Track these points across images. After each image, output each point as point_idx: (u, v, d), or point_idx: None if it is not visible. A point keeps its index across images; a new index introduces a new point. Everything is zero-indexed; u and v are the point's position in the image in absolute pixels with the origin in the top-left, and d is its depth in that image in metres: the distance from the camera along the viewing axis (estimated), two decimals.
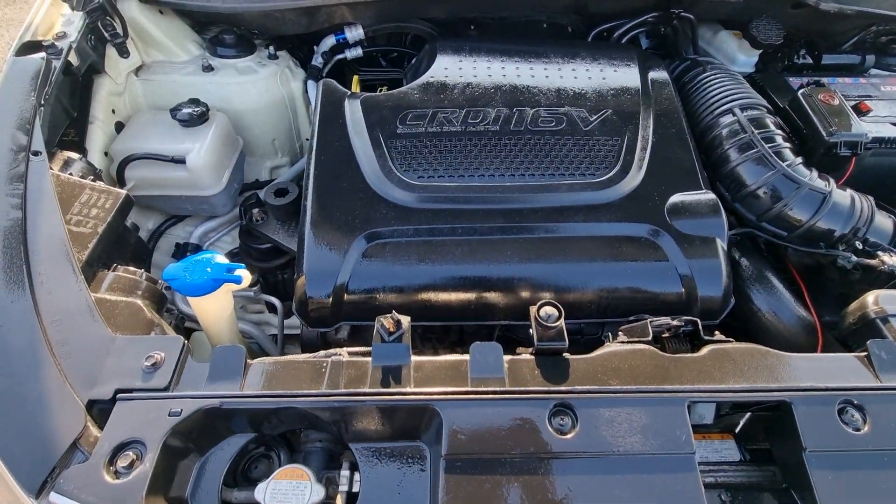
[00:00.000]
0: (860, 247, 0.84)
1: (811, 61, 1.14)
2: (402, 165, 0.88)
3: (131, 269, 0.77)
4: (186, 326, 1.07)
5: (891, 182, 1.00)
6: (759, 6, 1.11)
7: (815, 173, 0.88)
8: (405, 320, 0.67)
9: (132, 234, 0.86)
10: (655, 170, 0.89)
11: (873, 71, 1.21)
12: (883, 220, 0.87)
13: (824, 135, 0.90)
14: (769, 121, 0.93)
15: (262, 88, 1.20)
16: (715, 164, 0.95)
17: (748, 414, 0.69)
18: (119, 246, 0.83)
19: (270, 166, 1.36)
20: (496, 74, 0.98)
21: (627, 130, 0.92)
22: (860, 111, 0.97)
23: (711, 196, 0.86)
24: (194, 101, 1.07)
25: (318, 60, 1.31)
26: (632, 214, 0.84)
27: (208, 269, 0.71)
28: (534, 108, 0.93)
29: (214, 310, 0.76)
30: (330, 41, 1.30)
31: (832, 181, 0.87)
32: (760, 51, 1.15)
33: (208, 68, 1.17)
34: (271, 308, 1.16)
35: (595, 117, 0.93)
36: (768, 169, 0.88)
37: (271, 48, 1.25)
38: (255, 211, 1.09)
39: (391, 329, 0.65)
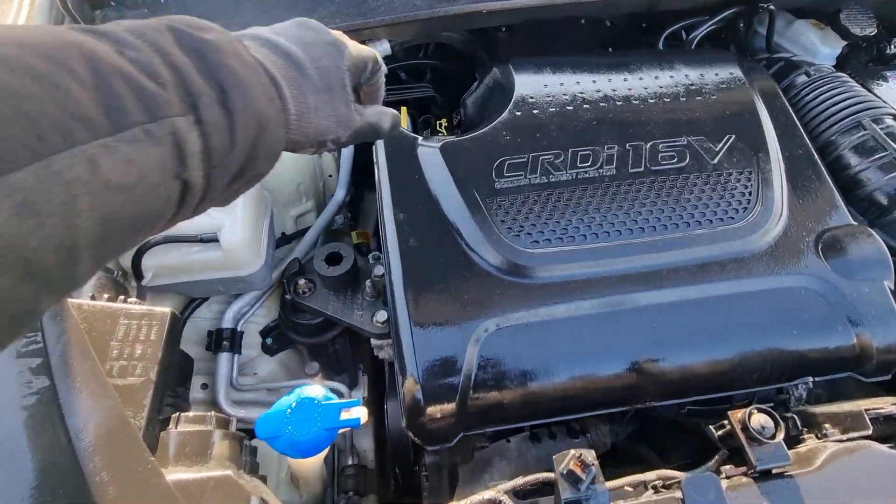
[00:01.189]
0: None
1: None
2: (511, 230, 0.72)
3: (192, 415, 0.58)
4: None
5: None
6: None
7: None
8: (591, 457, 0.52)
9: (178, 352, 0.67)
10: (797, 204, 0.77)
11: None
12: None
13: None
14: None
15: None
16: (845, 186, 0.84)
17: None
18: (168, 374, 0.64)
19: (295, 214, 1.16)
20: (593, 100, 0.82)
21: (758, 158, 0.79)
22: None
23: (867, 230, 0.75)
24: None
25: None
26: (786, 262, 0.72)
27: (317, 416, 0.54)
28: (649, 142, 0.78)
29: (318, 458, 0.59)
30: None
31: None
32: (846, 42, 1.04)
33: None
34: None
35: (720, 146, 0.79)
36: None
37: None
38: (302, 282, 0.90)
39: (581, 475, 0.51)
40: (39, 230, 0.24)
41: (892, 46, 1.04)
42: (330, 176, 1.22)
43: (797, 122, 0.85)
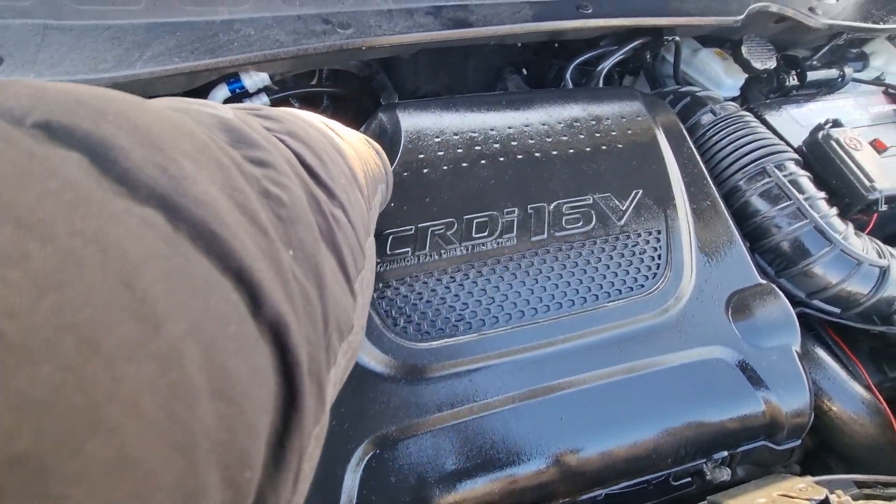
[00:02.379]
0: None
1: (797, 82, 1.04)
2: (396, 322, 0.61)
3: None
4: None
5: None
6: (747, 22, 0.97)
7: (867, 243, 0.77)
8: None
9: None
10: (706, 264, 0.72)
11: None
12: None
13: (863, 191, 0.79)
14: (807, 180, 0.80)
15: None
16: (753, 235, 0.81)
17: None
18: None
19: None
20: (491, 154, 0.72)
21: (666, 216, 0.73)
22: (878, 150, 0.88)
23: (774, 290, 0.71)
24: None
25: None
26: (697, 332, 0.67)
27: None
28: (553, 203, 0.70)
29: None
30: (221, 93, 0.93)
31: (885, 250, 0.78)
32: (748, 74, 1.03)
33: None
34: None
35: (627, 203, 0.72)
36: (824, 245, 0.75)
37: None
38: None
39: None
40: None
41: (791, 79, 1.03)
42: None
43: (704, 170, 0.80)
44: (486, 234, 0.66)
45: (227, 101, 0.93)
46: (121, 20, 0.70)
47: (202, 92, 0.87)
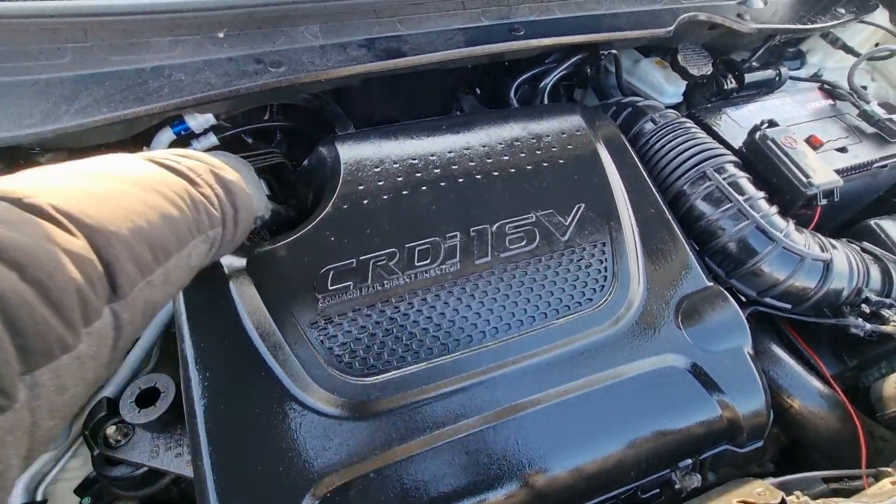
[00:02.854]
0: (867, 310, 0.77)
1: (736, 84, 1.07)
2: (340, 359, 0.59)
3: None
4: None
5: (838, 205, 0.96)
6: (680, 32, 1.00)
7: (809, 238, 0.79)
8: None
9: None
10: (654, 272, 0.72)
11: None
12: (873, 270, 0.81)
13: (801, 187, 0.80)
14: (746, 181, 0.82)
15: None
16: (700, 238, 0.82)
17: None
18: None
19: None
20: (431, 179, 0.72)
21: (610, 227, 0.73)
22: (814, 146, 0.90)
23: (722, 293, 0.72)
24: None
25: None
26: (648, 341, 0.67)
27: None
28: (495, 224, 0.70)
29: None
30: (166, 136, 0.92)
31: (827, 244, 0.79)
32: (687, 81, 1.05)
33: None
34: None
35: (570, 219, 0.73)
36: (767, 243, 0.76)
37: None
38: (112, 431, 0.72)
39: None
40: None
41: (729, 82, 1.06)
42: None
43: (647, 179, 0.81)
44: (428, 261, 0.66)
45: (172, 144, 0.92)
46: (47, 74, 0.69)
47: (146, 136, 0.86)
